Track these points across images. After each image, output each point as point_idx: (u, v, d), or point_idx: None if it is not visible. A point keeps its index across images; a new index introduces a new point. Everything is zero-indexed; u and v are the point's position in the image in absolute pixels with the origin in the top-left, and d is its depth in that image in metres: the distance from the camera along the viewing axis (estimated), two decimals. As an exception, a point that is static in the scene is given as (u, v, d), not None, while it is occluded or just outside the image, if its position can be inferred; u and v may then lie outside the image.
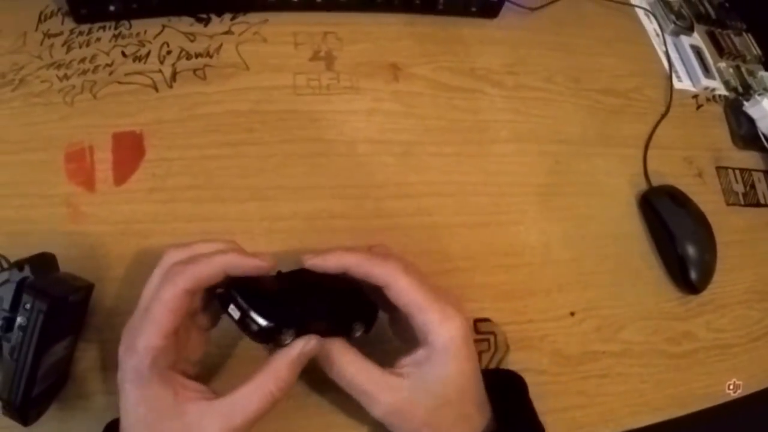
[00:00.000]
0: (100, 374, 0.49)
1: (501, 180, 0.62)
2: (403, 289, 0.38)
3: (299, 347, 0.36)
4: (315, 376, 0.44)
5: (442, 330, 0.37)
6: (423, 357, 0.38)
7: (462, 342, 0.38)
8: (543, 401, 0.51)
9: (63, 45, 0.62)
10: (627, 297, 0.61)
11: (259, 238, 0.54)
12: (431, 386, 0.38)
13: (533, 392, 0.51)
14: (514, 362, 0.54)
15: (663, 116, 0.74)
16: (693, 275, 0.61)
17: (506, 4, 0.69)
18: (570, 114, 0.69)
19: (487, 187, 0.62)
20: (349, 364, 0.38)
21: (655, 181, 0.68)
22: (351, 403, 0.41)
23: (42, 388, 0.43)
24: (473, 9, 0.68)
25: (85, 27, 0.63)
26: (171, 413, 0.34)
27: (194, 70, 0.59)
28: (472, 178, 0.61)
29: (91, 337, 0.51)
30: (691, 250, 0.62)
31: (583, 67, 0.72)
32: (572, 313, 0.58)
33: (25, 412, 0.43)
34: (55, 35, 0.63)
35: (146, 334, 0.35)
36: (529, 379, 0.52)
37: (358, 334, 0.41)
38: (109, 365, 0.49)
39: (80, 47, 0.62)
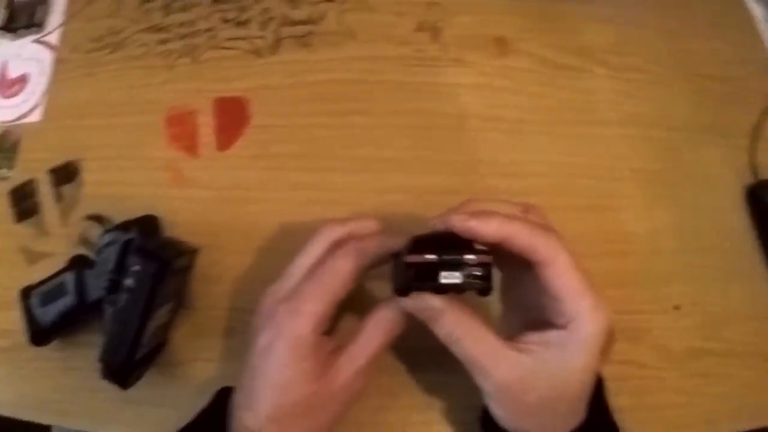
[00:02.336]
0: (198, 341, 0.48)
1: (608, 163, 0.60)
2: (563, 269, 0.33)
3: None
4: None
5: (591, 320, 0.33)
6: (555, 339, 0.34)
7: (602, 338, 0.34)
8: (641, 397, 0.49)
9: (161, 9, 0.61)
10: (732, 294, 0.57)
11: (367, 209, 0.52)
12: (554, 373, 0.34)
13: (634, 386, 0.48)
14: (618, 353, 0.52)
15: (771, 106, 0.69)
16: None
17: (613, -20, 0.66)
18: (678, 98, 0.65)
19: (595, 170, 0.59)
20: (467, 332, 0.34)
21: (763, 175, 0.64)
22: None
23: (143, 352, 0.42)
24: (580, -16, 0.65)
25: (183, -9, 0.62)
26: (316, 377, 0.35)
27: (298, 37, 0.58)
28: (579, 160, 0.59)
29: (191, 304, 0.50)
30: None
31: (690, 49, 0.69)
32: (677, 307, 0.55)
33: (125, 376, 0.42)
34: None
35: (315, 300, 0.35)
36: (631, 372, 0.50)
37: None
38: (207, 332, 0.48)
39: (179, 12, 0.61)
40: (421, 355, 0.47)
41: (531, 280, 0.35)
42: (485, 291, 0.32)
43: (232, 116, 0.54)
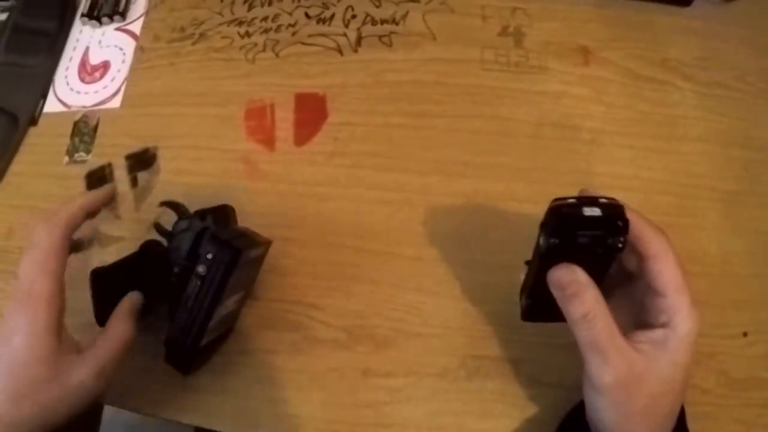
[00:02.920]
0: (263, 332, 0.48)
1: (687, 181, 0.58)
2: (671, 264, 0.35)
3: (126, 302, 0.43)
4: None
5: (689, 318, 0.35)
6: (661, 338, 0.36)
7: (696, 336, 0.36)
8: (700, 423, 0.47)
9: (244, 3, 0.62)
10: None
11: (440, 212, 0.51)
12: (663, 370, 0.36)
13: (694, 412, 0.47)
14: None
15: None
16: None
17: (701, -8, 0.64)
18: (762, 118, 0.63)
19: (673, 186, 0.57)
20: (602, 318, 0.35)
21: None
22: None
23: (209, 339, 0.42)
24: (667, -5, 0.63)
25: (267, -14, 0.62)
26: (50, 365, 0.38)
27: (380, 36, 0.58)
28: (658, 175, 0.57)
29: (259, 295, 0.50)
30: None
31: (779, 68, 0.66)
32: (745, 334, 0.53)
33: (188, 362, 0.43)
34: (237, -7, 0.62)
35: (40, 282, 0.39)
36: (692, 397, 0.48)
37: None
38: (272, 324, 0.48)
39: (262, 6, 0.61)
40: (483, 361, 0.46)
41: (635, 284, 0.38)
42: (624, 230, 0.34)
43: (310, 112, 0.54)
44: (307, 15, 0.59)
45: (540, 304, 0.39)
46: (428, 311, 0.49)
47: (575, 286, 0.36)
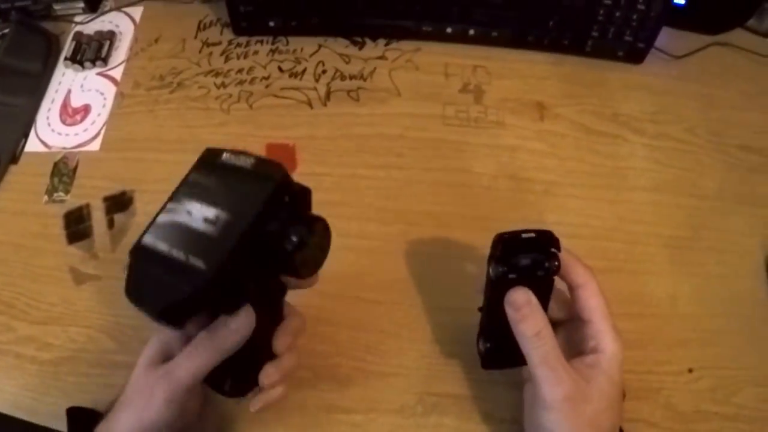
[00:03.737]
0: None
1: (635, 228, 0.61)
2: (595, 293, 0.41)
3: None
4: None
5: (612, 341, 0.40)
6: (593, 361, 0.40)
7: (620, 364, 0.40)
8: None
9: (221, 54, 0.65)
10: (746, 360, 0.58)
11: (401, 260, 0.54)
12: (603, 387, 0.39)
13: None
14: (628, 411, 0.52)
15: (800, 179, 0.70)
16: None
17: (652, 50, 0.68)
18: (708, 168, 0.67)
19: (621, 234, 0.61)
20: (551, 338, 0.39)
21: (788, 245, 0.65)
22: None
23: None
24: (620, 53, 0.67)
25: (243, 39, 0.66)
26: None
27: (348, 91, 0.61)
28: (607, 224, 0.61)
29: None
30: None
31: (725, 120, 0.70)
32: (690, 370, 0.56)
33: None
34: (214, 44, 0.66)
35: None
36: (640, 430, 0.51)
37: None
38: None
39: (238, 58, 0.64)
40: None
41: (566, 325, 0.43)
42: (556, 251, 0.40)
43: (280, 161, 0.57)
44: (280, 69, 0.63)
45: (498, 346, 0.43)
46: (387, 351, 0.52)
47: (529, 307, 0.40)
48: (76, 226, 0.61)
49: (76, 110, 0.68)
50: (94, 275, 0.58)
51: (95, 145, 0.65)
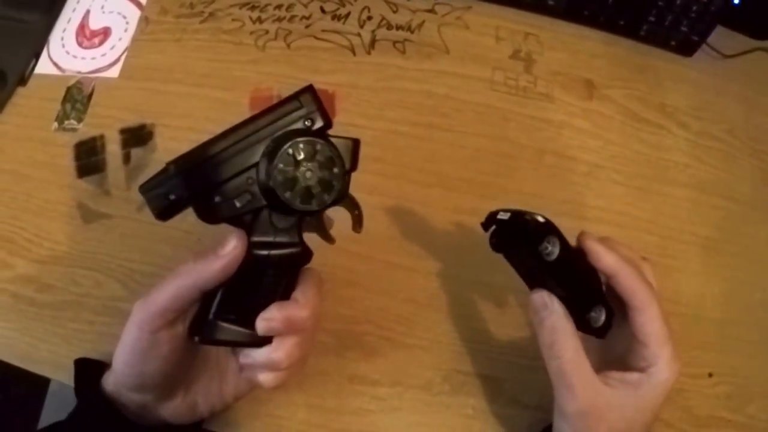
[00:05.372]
0: None
1: (672, 223, 0.60)
2: (654, 318, 0.37)
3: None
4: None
5: (667, 369, 0.37)
6: (634, 380, 0.37)
7: (670, 387, 0.38)
8: None
9: (260, -14, 0.61)
10: (763, 371, 0.58)
11: (438, 227, 0.51)
12: (627, 410, 0.37)
13: None
14: None
15: (829, 194, 0.70)
16: None
17: (703, 45, 0.66)
18: (745, 172, 0.66)
19: (658, 227, 0.59)
20: (568, 349, 0.36)
21: (812, 260, 0.64)
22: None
23: None
24: (672, 43, 0.65)
25: (284, -26, 0.62)
26: None
27: (394, 42, 0.58)
28: (646, 215, 0.59)
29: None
30: None
31: (764, 127, 0.69)
32: (710, 374, 0.55)
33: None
34: (253, -25, 0.61)
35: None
36: (656, 428, 0.50)
37: (595, 324, 0.39)
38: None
39: (271, -8, 0.60)
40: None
41: (620, 326, 0.39)
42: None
43: (317, 108, 0.54)
44: (322, 9, 0.59)
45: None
46: (418, 323, 0.49)
47: (545, 312, 0.37)
48: (88, 158, 0.56)
49: (95, 33, 0.63)
50: (105, 213, 0.53)
51: (114, 72, 0.60)
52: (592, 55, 0.63)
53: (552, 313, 0.37)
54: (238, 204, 0.35)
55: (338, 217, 0.44)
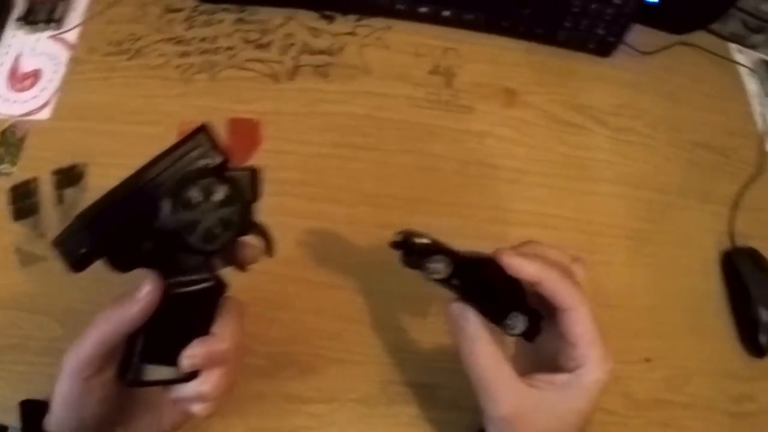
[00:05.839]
0: None
1: (598, 219, 0.62)
2: (581, 319, 0.37)
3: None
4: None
5: (597, 369, 0.37)
6: (563, 382, 0.37)
7: (603, 387, 0.37)
8: None
9: (184, 21, 0.62)
10: (698, 351, 0.60)
11: (365, 245, 0.53)
12: (554, 411, 0.37)
13: (599, 431, 0.50)
14: None
15: (753, 178, 0.73)
16: (762, 339, 0.60)
17: (621, 45, 0.69)
18: (668, 163, 0.68)
19: (585, 225, 0.61)
20: (486, 357, 0.37)
21: (740, 242, 0.67)
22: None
23: None
24: (590, 45, 0.68)
25: (207, 6, 0.63)
26: None
27: (316, 67, 0.59)
28: (572, 214, 0.61)
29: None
30: (764, 315, 0.61)
31: (686, 118, 0.72)
32: (647, 359, 0.58)
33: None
34: (177, 11, 0.63)
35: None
36: (598, 417, 0.51)
37: (513, 331, 0.39)
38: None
39: (202, 26, 0.62)
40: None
41: (550, 328, 0.39)
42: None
43: (243, 137, 0.55)
44: (245, 40, 0.61)
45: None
46: (349, 338, 0.51)
47: (462, 323, 0.38)
48: (23, 202, 0.56)
49: (26, 75, 0.64)
50: (41, 256, 0.54)
51: (45, 114, 0.61)
52: (512, 65, 0.65)
53: (467, 323, 0.37)
54: (146, 248, 0.36)
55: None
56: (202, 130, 0.36)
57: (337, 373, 0.50)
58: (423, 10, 0.61)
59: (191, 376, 0.36)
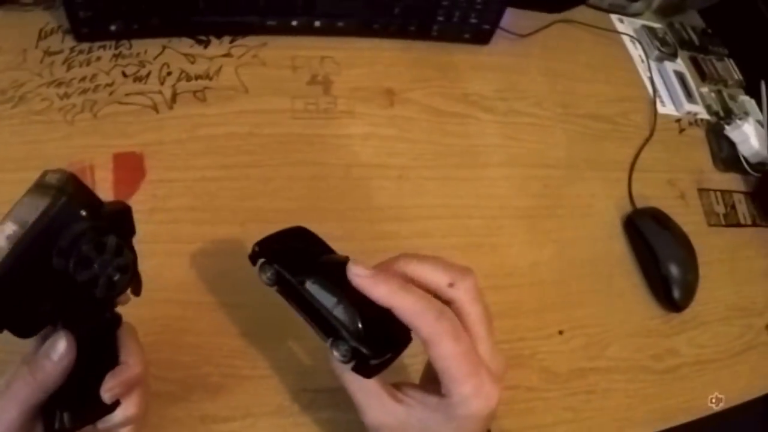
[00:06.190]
0: None
1: (492, 203, 0.64)
2: (442, 354, 0.34)
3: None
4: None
5: (469, 404, 0.35)
6: (433, 404, 0.36)
7: (479, 420, 0.36)
8: (532, 417, 0.54)
9: (63, 63, 0.63)
10: (613, 316, 0.63)
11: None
12: (431, 428, 0.37)
13: (523, 408, 0.53)
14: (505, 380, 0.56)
15: (647, 140, 0.76)
16: (676, 294, 0.64)
17: (498, 30, 0.71)
18: (558, 139, 0.71)
19: (479, 210, 0.64)
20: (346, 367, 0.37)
21: (640, 204, 0.70)
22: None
23: None
24: (466, 36, 0.70)
25: (85, 45, 0.64)
26: None
27: (194, 92, 0.61)
28: (465, 201, 0.63)
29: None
30: (674, 270, 0.64)
31: (572, 92, 0.75)
32: (561, 332, 0.60)
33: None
34: (56, 53, 0.64)
35: None
36: (518, 396, 0.54)
37: (337, 358, 0.37)
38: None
39: (80, 66, 0.62)
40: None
41: None
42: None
43: (128, 171, 0.57)
44: (124, 74, 0.62)
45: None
46: (255, 354, 0.52)
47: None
48: None
49: None
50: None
51: (-63, 170, 0.61)
52: (389, 65, 0.67)
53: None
54: (44, 310, 0.35)
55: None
56: (66, 184, 0.34)
57: (248, 389, 0.51)
58: (294, 23, 0.63)
59: (115, 404, 0.38)
